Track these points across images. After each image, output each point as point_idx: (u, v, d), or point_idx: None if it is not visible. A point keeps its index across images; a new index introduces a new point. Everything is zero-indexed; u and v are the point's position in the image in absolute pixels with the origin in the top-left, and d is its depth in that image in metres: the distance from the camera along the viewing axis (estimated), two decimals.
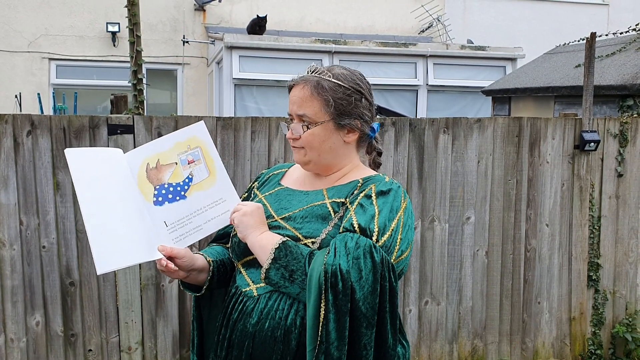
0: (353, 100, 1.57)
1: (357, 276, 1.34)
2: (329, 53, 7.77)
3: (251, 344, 1.48)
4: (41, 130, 3.11)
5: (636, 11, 10.25)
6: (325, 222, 1.49)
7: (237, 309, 1.54)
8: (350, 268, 1.34)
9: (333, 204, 1.53)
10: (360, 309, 1.35)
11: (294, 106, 1.58)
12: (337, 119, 1.55)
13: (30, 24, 8.81)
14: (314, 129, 1.55)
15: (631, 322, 3.88)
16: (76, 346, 3.22)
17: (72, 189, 3.15)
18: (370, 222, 1.42)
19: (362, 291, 1.34)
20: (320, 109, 1.54)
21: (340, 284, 1.33)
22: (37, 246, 3.14)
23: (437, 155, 3.55)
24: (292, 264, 1.42)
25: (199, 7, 9.29)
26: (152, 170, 1.60)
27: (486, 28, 9.98)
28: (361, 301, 1.34)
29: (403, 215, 1.47)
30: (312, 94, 1.54)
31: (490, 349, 3.71)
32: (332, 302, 1.33)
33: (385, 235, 1.42)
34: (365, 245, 1.37)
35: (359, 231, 1.41)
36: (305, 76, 1.58)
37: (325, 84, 1.55)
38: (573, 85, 4.86)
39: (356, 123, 1.58)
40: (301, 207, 1.56)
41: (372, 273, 1.35)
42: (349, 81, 1.57)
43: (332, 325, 1.33)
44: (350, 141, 1.60)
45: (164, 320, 3.30)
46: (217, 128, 3.29)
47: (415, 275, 3.57)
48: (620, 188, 3.85)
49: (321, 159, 1.58)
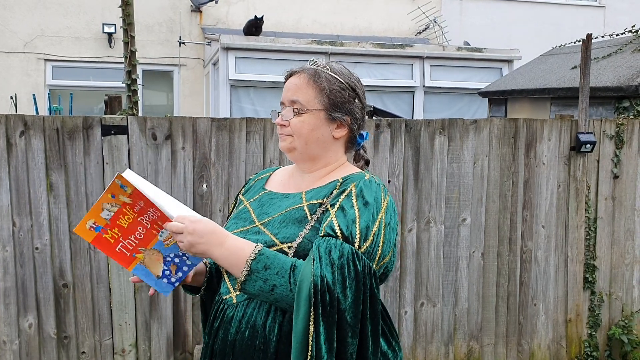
0: (347, 95, 1.56)
1: (341, 287, 1.32)
2: (325, 54, 7.76)
3: (231, 352, 1.48)
4: (34, 131, 3.09)
5: (632, 14, 10.27)
6: (302, 225, 1.47)
7: (219, 317, 1.54)
8: (336, 280, 1.32)
9: (310, 206, 1.50)
10: (346, 319, 1.33)
11: (288, 92, 1.57)
12: (329, 109, 1.54)
13: (26, 24, 8.78)
14: (304, 116, 1.54)
15: (627, 324, 3.87)
16: (69, 348, 3.20)
17: (65, 190, 3.13)
18: (352, 226, 1.39)
19: (346, 301, 1.33)
20: (314, 97, 1.54)
21: (328, 296, 1.31)
22: (30, 247, 3.12)
23: (433, 157, 3.54)
24: (274, 279, 1.37)
25: (196, 9, 9.28)
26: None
27: (483, 30, 9.98)
28: (346, 311, 1.33)
29: (384, 216, 1.44)
30: (308, 81, 1.54)
31: (486, 351, 3.70)
32: (321, 315, 1.31)
33: (368, 241, 1.39)
34: (348, 253, 1.35)
35: (341, 237, 1.38)
36: (303, 66, 1.59)
37: (322, 74, 1.55)
38: (569, 87, 4.86)
39: (347, 119, 1.57)
40: (280, 212, 1.54)
41: (355, 282, 1.34)
42: (345, 77, 1.58)
43: (323, 338, 1.31)
44: (339, 137, 1.58)
45: (158, 322, 3.28)
46: (212, 129, 3.27)
47: (410, 277, 3.56)
48: (617, 189, 3.85)
49: (307, 148, 1.56)
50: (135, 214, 1.48)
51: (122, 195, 1.46)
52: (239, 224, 1.58)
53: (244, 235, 1.53)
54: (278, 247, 1.45)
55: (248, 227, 1.55)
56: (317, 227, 1.45)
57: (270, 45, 7.62)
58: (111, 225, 1.49)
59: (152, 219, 1.49)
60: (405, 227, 3.52)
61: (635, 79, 4.25)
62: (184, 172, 3.26)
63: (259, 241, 1.47)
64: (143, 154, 3.20)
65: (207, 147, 3.27)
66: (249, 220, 1.57)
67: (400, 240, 3.52)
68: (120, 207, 1.47)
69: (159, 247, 1.52)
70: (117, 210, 1.48)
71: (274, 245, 1.46)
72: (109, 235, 1.50)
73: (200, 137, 3.26)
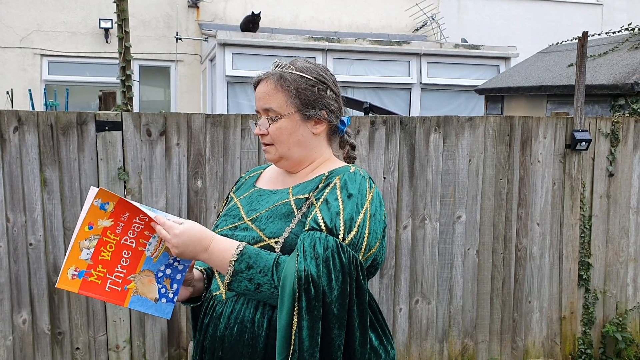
0: (317, 91, 1.55)
1: (327, 279, 1.33)
2: (322, 51, 7.75)
3: (220, 348, 1.48)
4: (28, 127, 3.07)
5: (630, 11, 10.27)
6: (289, 220, 1.47)
7: (209, 314, 1.54)
8: (321, 273, 1.32)
9: (296, 200, 1.51)
10: (333, 311, 1.33)
11: (259, 102, 1.56)
12: (302, 109, 1.54)
13: (23, 19, 8.75)
14: (280, 122, 1.54)
15: (621, 321, 3.88)
16: (63, 344, 3.19)
17: (59, 185, 3.13)
18: (336, 219, 1.40)
19: (332, 294, 1.33)
20: (285, 101, 1.53)
21: (313, 290, 1.32)
22: (23, 243, 3.11)
23: (428, 154, 3.54)
24: (258, 277, 1.39)
25: (193, 4, 9.25)
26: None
27: (480, 27, 9.97)
28: (333, 304, 1.33)
29: (370, 207, 1.45)
30: (276, 86, 1.54)
31: (480, 348, 3.70)
32: (305, 309, 1.31)
33: (352, 232, 1.40)
34: (333, 246, 1.35)
35: (325, 230, 1.38)
36: (268, 72, 1.58)
37: (288, 76, 1.54)
38: (565, 85, 4.86)
39: (322, 113, 1.56)
40: (267, 208, 1.54)
41: (341, 274, 1.34)
42: (311, 72, 1.57)
43: (305, 332, 1.32)
44: (319, 132, 1.58)
45: (152, 318, 3.28)
46: (207, 125, 3.26)
47: (405, 274, 3.56)
48: (611, 188, 3.85)
49: (291, 152, 1.56)
50: (117, 238, 1.44)
51: (101, 220, 1.42)
52: (228, 221, 1.59)
53: (233, 232, 1.53)
54: (265, 242, 1.46)
55: (237, 224, 1.55)
56: (303, 221, 1.46)
57: (267, 41, 7.60)
58: (94, 265, 1.43)
59: (137, 233, 1.45)
60: (400, 224, 3.52)
61: (631, 77, 4.25)
62: (178, 169, 3.25)
63: (247, 237, 1.48)
64: (137, 150, 3.19)
65: (201, 144, 3.26)
66: (238, 217, 1.58)
67: (395, 238, 3.52)
68: (100, 237, 1.42)
69: (148, 265, 1.48)
70: (97, 242, 1.42)
71: (262, 240, 1.46)
72: (94, 277, 1.44)
73: (195, 133, 3.25)
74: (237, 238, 1.50)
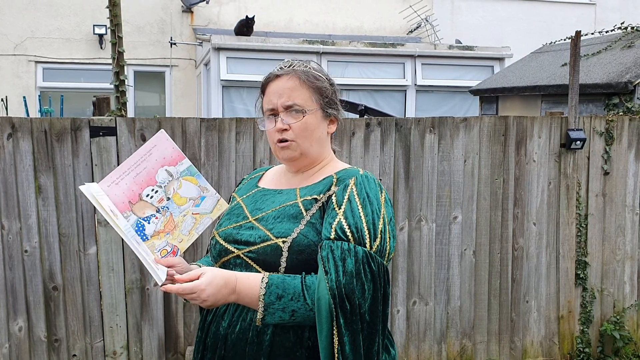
0: (332, 91, 1.61)
1: (360, 292, 1.35)
2: (317, 54, 7.76)
3: (223, 346, 1.48)
4: (22, 133, 3.06)
5: (622, 11, 10.31)
6: (297, 220, 1.48)
7: (212, 312, 1.55)
8: (355, 286, 1.34)
9: (304, 202, 1.51)
10: (366, 319, 1.35)
11: (281, 98, 1.55)
12: (324, 107, 1.58)
13: (17, 26, 8.73)
14: (306, 117, 1.54)
15: (619, 319, 3.88)
16: (60, 351, 3.18)
17: (54, 192, 3.12)
18: (361, 226, 1.41)
19: (366, 303, 1.35)
20: (310, 97, 1.55)
21: (348, 305, 1.33)
22: (19, 250, 3.10)
23: (423, 155, 3.54)
24: (291, 305, 1.38)
25: (187, 9, 9.25)
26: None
27: (474, 28, 10.00)
28: (367, 313, 1.35)
29: (386, 212, 1.47)
30: (301, 83, 1.55)
31: (478, 348, 3.70)
32: (344, 326, 1.33)
33: (377, 239, 1.41)
34: (362, 257, 1.37)
35: (353, 240, 1.39)
36: (288, 69, 1.58)
37: (310, 74, 1.57)
38: (559, 84, 4.87)
39: (336, 113, 1.62)
40: (274, 208, 1.54)
41: (372, 283, 1.36)
42: (325, 74, 1.62)
43: (348, 347, 1.34)
44: (331, 132, 1.63)
45: (149, 324, 3.27)
46: (201, 129, 3.26)
47: (402, 276, 3.55)
48: (607, 186, 3.86)
49: (312, 149, 1.57)
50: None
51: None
52: (232, 219, 1.59)
53: (238, 230, 1.54)
54: (273, 241, 1.46)
55: (242, 223, 1.55)
56: (312, 222, 1.46)
57: (261, 45, 7.60)
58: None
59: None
60: (396, 225, 3.52)
61: (625, 75, 4.26)
62: None
63: (253, 236, 1.48)
64: None
65: (196, 148, 3.25)
66: (242, 216, 1.58)
67: None
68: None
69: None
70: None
71: (269, 239, 1.46)
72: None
73: (190, 138, 3.24)
74: (243, 237, 1.50)
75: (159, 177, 1.57)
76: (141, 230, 1.53)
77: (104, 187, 1.53)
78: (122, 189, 1.53)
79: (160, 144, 1.58)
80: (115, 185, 1.53)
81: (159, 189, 1.57)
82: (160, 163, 1.57)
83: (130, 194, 1.53)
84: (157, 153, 1.57)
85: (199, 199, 1.61)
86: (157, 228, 1.55)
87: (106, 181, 1.53)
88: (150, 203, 1.55)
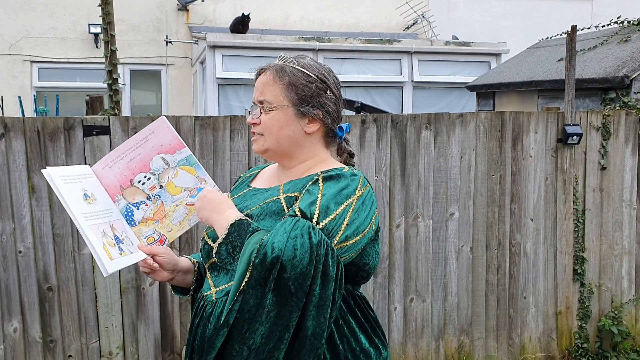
0: (315, 88, 1.53)
1: (290, 255, 1.28)
2: (313, 51, 7.73)
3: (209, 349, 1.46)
4: (15, 133, 3.04)
5: (619, 5, 10.28)
6: (279, 217, 1.46)
7: (199, 314, 1.53)
8: (284, 247, 1.28)
9: (287, 198, 1.50)
10: (289, 288, 1.29)
11: (256, 92, 1.56)
12: (297, 105, 1.52)
13: (11, 26, 8.70)
14: (273, 113, 1.53)
15: (617, 315, 3.88)
16: (55, 352, 3.16)
17: (48, 192, 3.09)
18: (312, 205, 1.38)
19: (293, 271, 1.28)
20: (281, 94, 1.52)
21: (269, 260, 1.28)
22: (13, 251, 3.08)
23: (419, 152, 3.52)
24: (237, 240, 1.40)
25: (182, 7, 9.22)
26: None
27: (471, 24, 9.98)
28: (291, 280, 1.28)
29: (356, 202, 1.41)
30: (274, 78, 1.53)
31: (476, 345, 3.69)
32: (255, 278, 1.29)
33: (328, 218, 1.37)
34: (303, 226, 1.32)
35: (300, 214, 1.37)
36: (270, 63, 1.58)
37: (287, 69, 1.53)
38: (556, 79, 4.85)
39: (317, 113, 1.54)
40: (258, 205, 1.54)
41: (307, 254, 1.29)
42: (313, 70, 1.56)
43: (253, 301, 1.30)
44: (312, 132, 1.55)
45: (145, 324, 3.25)
46: (196, 127, 3.24)
47: (399, 273, 3.54)
48: (604, 181, 3.85)
49: (279, 146, 1.55)
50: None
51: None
52: None
53: None
54: None
55: None
56: None
57: (257, 42, 7.58)
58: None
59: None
60: (393, 222, 3.51)
61: (621, 70, 4.25)
62: None
63: None
64: None
65: (190, 146, 3.23)
66: None
67: (388, 236, 3.50)
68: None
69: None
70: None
71: None
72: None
73: (184, 136, 3.22)
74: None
75: (154, 164, 1.57)
76: (129, 216, 1.53)
77: (99, 168, 1.55)
78: (114, 172, 1.55)
79: (159, 131, 1.57)
80: (108, 168, 1.55)
81: (152, 176, 1.56)
82: (157, 150, 1.57)
83: (122, 178, 1.55)
84: (154, 140, 1.56)
85: (196, 190, 1.59)
86: (146, 215, 1.55)
87: (101, 163, 1.55)
88: (141, 190, 1.55)
